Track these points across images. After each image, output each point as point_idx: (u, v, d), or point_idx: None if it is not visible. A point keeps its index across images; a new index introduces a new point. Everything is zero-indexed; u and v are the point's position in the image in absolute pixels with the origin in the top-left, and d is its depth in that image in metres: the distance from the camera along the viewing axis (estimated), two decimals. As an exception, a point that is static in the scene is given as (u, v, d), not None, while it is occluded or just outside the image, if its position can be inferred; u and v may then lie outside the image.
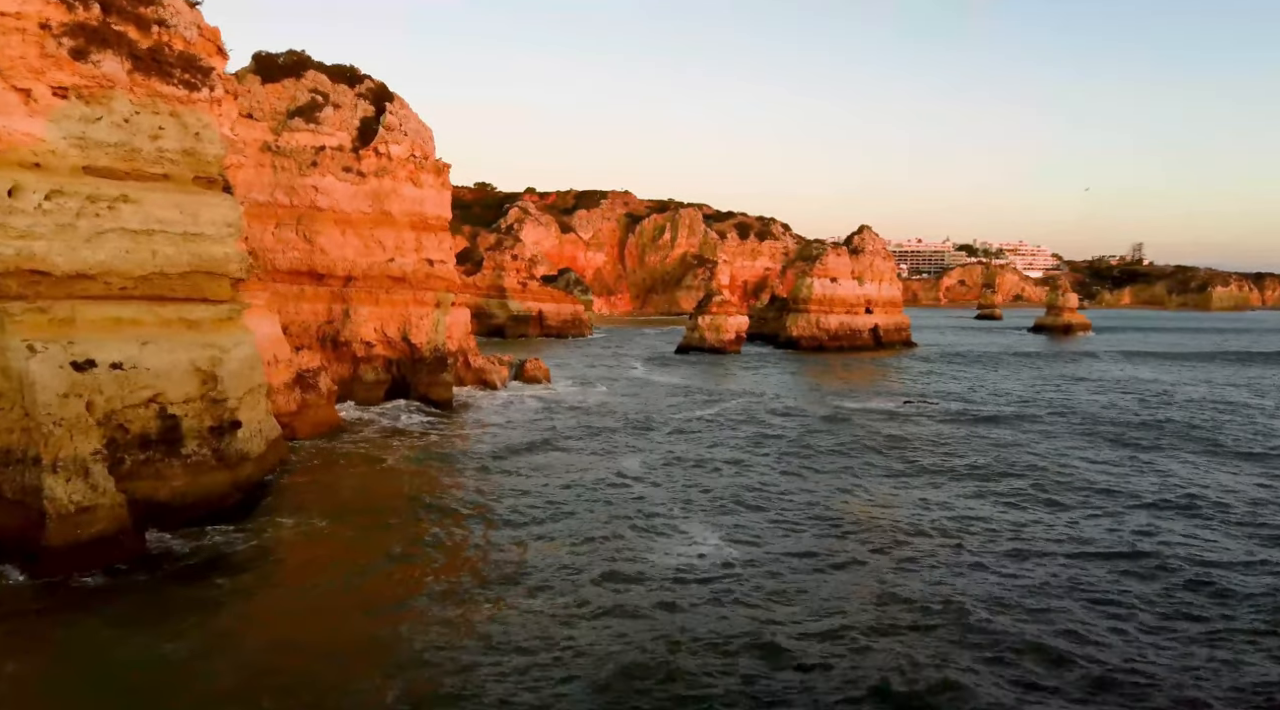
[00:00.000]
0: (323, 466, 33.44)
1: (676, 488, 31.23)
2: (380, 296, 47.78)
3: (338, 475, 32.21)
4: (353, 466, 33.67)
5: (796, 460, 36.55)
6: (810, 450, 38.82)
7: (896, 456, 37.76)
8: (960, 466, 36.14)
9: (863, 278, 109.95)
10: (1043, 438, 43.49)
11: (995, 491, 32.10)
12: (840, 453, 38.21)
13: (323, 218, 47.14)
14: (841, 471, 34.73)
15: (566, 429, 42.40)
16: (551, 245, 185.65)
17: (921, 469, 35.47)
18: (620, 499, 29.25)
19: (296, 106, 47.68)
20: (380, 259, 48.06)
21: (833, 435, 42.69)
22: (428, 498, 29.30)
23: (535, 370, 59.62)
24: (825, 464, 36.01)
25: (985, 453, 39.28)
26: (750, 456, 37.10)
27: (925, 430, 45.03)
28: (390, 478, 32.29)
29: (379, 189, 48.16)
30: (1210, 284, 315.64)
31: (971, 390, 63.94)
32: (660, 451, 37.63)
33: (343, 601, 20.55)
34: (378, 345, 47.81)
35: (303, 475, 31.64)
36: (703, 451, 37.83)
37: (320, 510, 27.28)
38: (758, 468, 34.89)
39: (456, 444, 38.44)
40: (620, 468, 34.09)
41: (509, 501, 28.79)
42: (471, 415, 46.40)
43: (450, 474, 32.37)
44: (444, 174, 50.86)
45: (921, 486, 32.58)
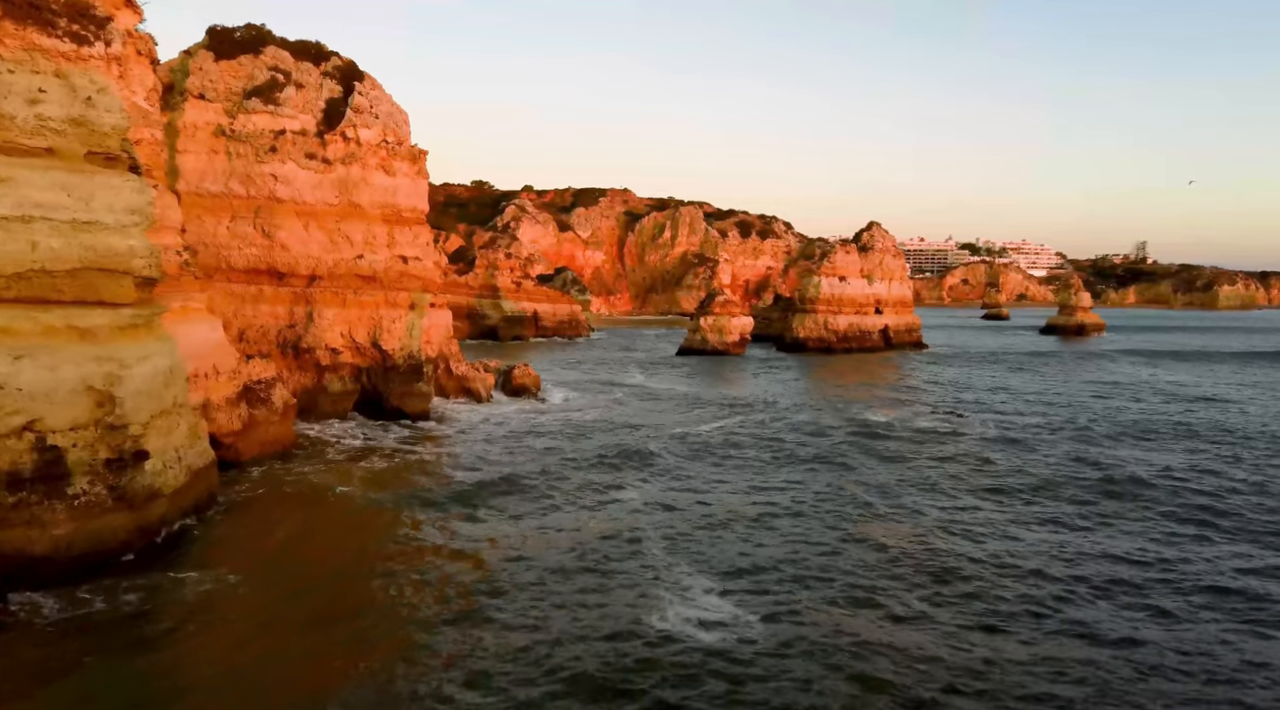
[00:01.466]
0: (262, 501, 28.31)
1: (684, 535, 25.97)
2: (348, 297, 42.78)
3: (276, 513, 27.07)
4: (297, 502, 28.41)
5: (829, 497, 30.80)
6: (844, 483, 33.02)
7: (952, 487, 32.44)
8: (1044, 509, 29.54)
9: (872, 276, 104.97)
10: (1142, 458, 37.99)
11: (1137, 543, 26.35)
12: (881, 489, 32.22)
13: (283, 210, 42.14)
14: (890, 516, 28.55)
15: (553, 453, 36.90)
16: (549, 244, 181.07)
17: (993, 505, 30.18)
18: (615, 554, 24.03)
19: (254, 86, 42.66)
20: (348, 255, 43.05)
21: (866, 463, 36.75)
22: (377, 548, 23.99)
23: (524, 378, 54.56)
24: (865, 502, 30.46)
25: (1080, 484, 32.80)
26: (770, 489, 31.69)
27: (970, 449, 39.94)
28: (338, 519, 27.09)
29: (346, 178, 43.16)
30: (1216, 283, 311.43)
31: (1004, 399, 58.87)
32: (662, 483, 32.28)
33: (226, 698, 15.59)
34: (345, 352, 42.79)
35: (235, 514, 26.56)
36: (713, 485, 32.26)
37: (242, 561, 22.28)
38: (781, 504, 29.60)
39: (425, 472, 33.02)
40: (615, 506, 28.89)
41: (474, 557, 23.46)
42: (449, 432, 41.22)
43: (411, 515, 27.06)
44: (420, 161, 45.83)
45: (1004, 528, 27.39)
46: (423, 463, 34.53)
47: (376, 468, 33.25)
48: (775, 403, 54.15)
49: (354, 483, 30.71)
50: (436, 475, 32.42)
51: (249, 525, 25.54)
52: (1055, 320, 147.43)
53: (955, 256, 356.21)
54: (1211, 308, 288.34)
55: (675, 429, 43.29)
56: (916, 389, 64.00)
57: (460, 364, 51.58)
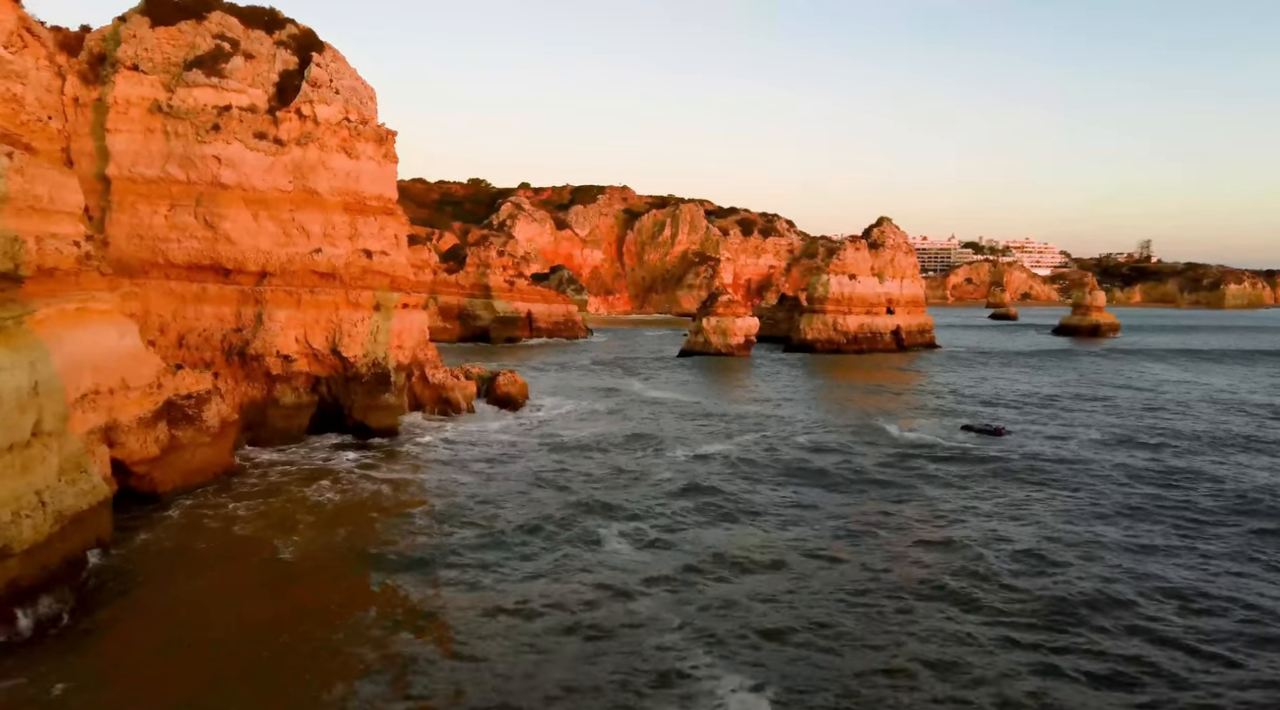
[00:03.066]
0: (168, 555, 22.77)
1: (690, 596, 20.79)
2: (303, 297, 37.49)
3: (182, 573, 21.58)
4: (212, 558, 22.80)
5: (865, 545, 25.15)
6: (879, 521, 27.57)
7: (1015, 529, 27.17)
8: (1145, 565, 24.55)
9: (883, 274, 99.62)
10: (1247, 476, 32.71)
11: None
12: (924, 521, 27.17)
13: (228, 197, 36.88)
14: (944, 570, 23.26)
15: (535, 485, 31.48)
16: (546, 242, 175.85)
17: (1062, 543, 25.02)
18: (607, 623, 18.75)
19: (196, 56, 37.39)
20: (303, 249, 37.77)
21: (901, 493, 31.32)
22: (304, 641, 18.52)
23: (509, 387, 49.23)
24: (910, 541, 25.29)
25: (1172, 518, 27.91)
26: (791, 530, 26.35)
27: (1016, 470, 34.67)
28: (261, 582, 21.55)
29: (302, 161, 37.88)
30: (1223, 282, 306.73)
31: (1042, 408, 53.54)
32: (663, 523, 26.89)
33: None
34: (299, 359, 37.50)
35: (128, 577, 21.03)
36: (723, 522, 26.94)
37: (116, 651, 17.00)
38: (804, 552, 24.35)
39: (381, 512, 27.44)
40: (606, 556, 23.65)
41: (428, 656, 18.02)
42: (417, 455, 35.74)
43: (354, 583, 21.54)
44: (388, 143, 40.53)
45: (1077, 567, 22.16)
46: (379, 499, 28.87)
47: (323, 504, 27.71)
48: (790, 415, 48.76)
49: (291, 529, 25.15)
50: (393, 518, 26.78)
51: (143, 593, 20.12)
52: (1069, 320, 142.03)
53: (959, 255, 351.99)
54: (1218, 307, 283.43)
55: (679, 450, 37.83)
56: (940, 396, 58.68)
57: (437, 371, 46.29)
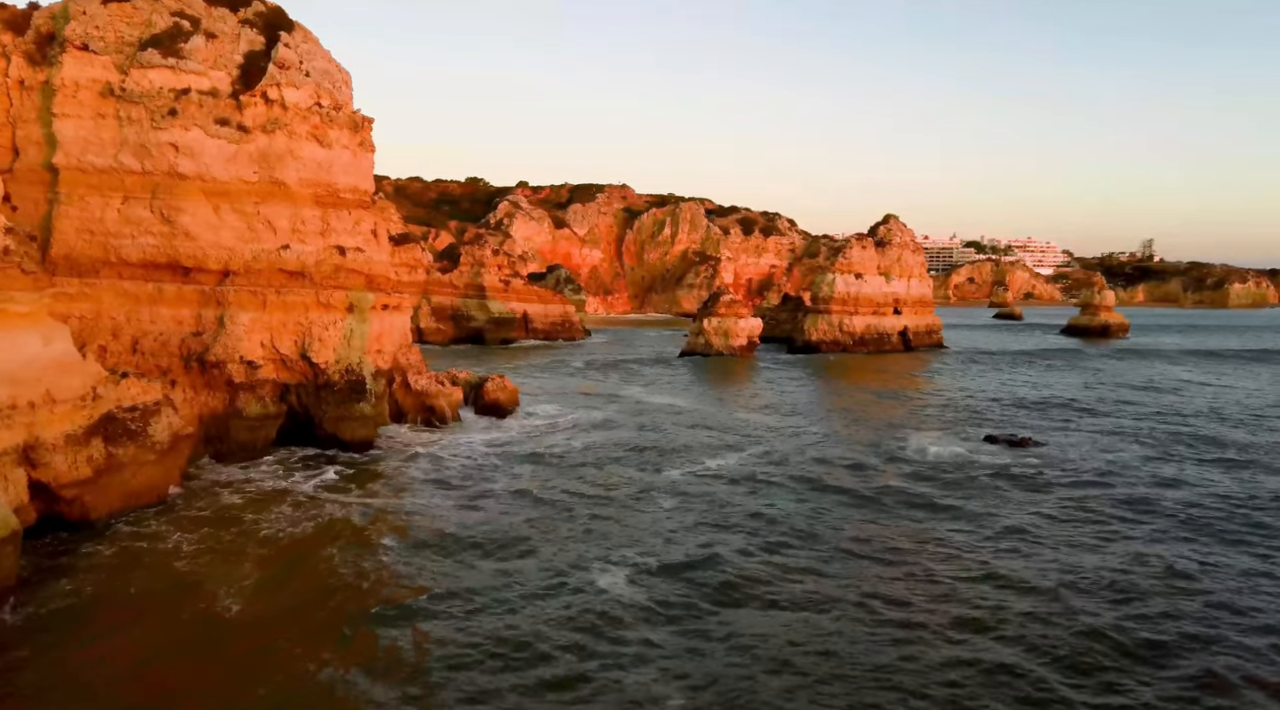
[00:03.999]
0: (87, 606, 19.34)
1: (695, 661, 17.67)
2: (269, 298, 34.31)
3: (101, 631, 18.17)
4: (142, 604, 19.48)
5: (907, 582, 21.74)
6: (916, 549, 24.29)
7: (1074, 556, 23.92)
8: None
9: (890, 273, 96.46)
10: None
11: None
12: (969, 550, 23.87)
13: (187, 188, 33.70)
14: (1013, 615, 19.98)
15: (523, 505, 28.21)
16: (544, 241, 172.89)
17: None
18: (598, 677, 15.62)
19: (152, 34, 34.21)
20: (269, 245, 34.59)
21: (934, 516, 27.88)
22: (246, 704, 15.35)
23: (498, 393, 46.04)
24: (958, 574, 22.00)
25: None
26: (814, 563, 23.01)
27: (1055, 486, 31.47)
28: (195, 640, 18.11)
29: (269, 149, 34.69)
30: (1227, 281, 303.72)
31: (1067, 414, 50.36)
32: (663, 555, 23.61)
33: None
34: (265, 365, 34.31)
35: (30, 639, 17.66)
36: (734, 557, 23.47)
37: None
38: (833, 592, 21.16)
39: (341, 546, 23.95)
40: (600, 599, 20.44)
41: (398, 700, 14.89)
42: (392, 472, 32.45)
43: (308, 624, 18.34)
44: (364, 131, 37.35)
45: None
46: (344, 529, 25.45)
47: (277, 536, 24.37)
48: (800, 425, 45.48)
49: (238, 567, 21.83)
50: (357, 553, 23.40)
51: (43, 656, 16.85)
52: (1077, 321, 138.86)
53: (961, 255, 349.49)
54: (1222, 306, 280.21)
55: (681, 466, 34.54)
56: (956, 402, 55.44)
57: (420, 377, 43.14)
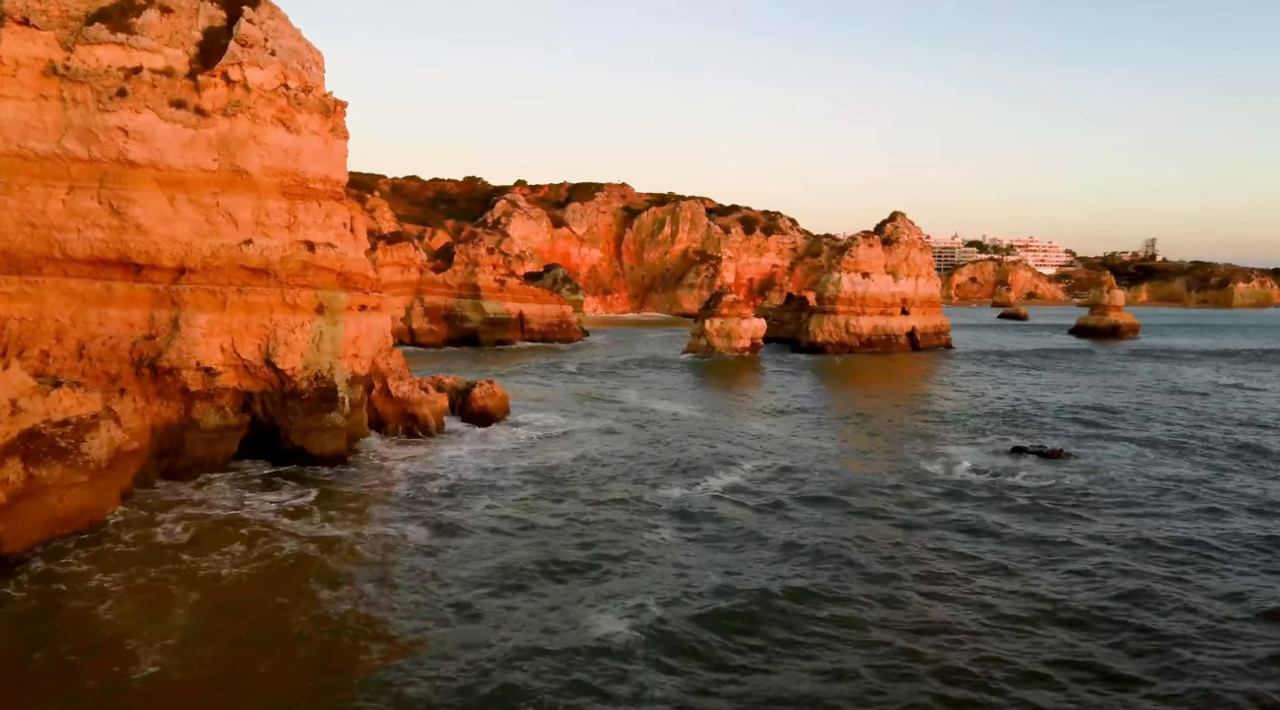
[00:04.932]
0: None
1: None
2: (229, 298, 31.18)
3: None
4: (43, 674, 16.26)
5: (960, 625, 18.57)
6: (961, 585, 21.04)
7: (1143, 587, 20.82)
8: None
9: (897, 272, 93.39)
10: None
11: None
12: (1026, 589, 20.62)
13: (139, 177, 30.60)
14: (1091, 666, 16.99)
15: (505, 533, 24.89)
16: (543, 240, 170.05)
17: None
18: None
19: (100, 8, 31.12)
20: (230, 240, 31.47)
21: (976, 544, 24.52)
22: None
23: (486, 400, 42.90)
24: (1016, 613, 18.80)
25: None
26: (844, 611, 19.73)
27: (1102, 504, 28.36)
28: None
29: (229, 134, 31.58)
30: (1231, 280, 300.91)
31: (1084, 419, 47.31)
32: (671, 598, 20.37)
33: None
34: (225, 372, 31.16)
35: None
36: (749, 597, 20.24)
37: None
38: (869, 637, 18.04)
39: (294, 586, 20.66)
40: (598, 657, 17.35)
41: None
42: (364, 491, 29.10)
43: (237, 696, 15.18)
44: (336, 116, 34.25)
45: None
46: (298, 566, 21.99)
47: (219, 577, 20.91)
48: (811, 435, 42.19)
49: (167, 617, 18.49)
50: (309, 601, 19.91)
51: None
52: (1086, 321, 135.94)
53: (963, 254, 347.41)
54: (1226, 306, 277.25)
55: (682, 484, 31.14)
56: (975, 408, 52.12)
57: (402, 383, 40.03)
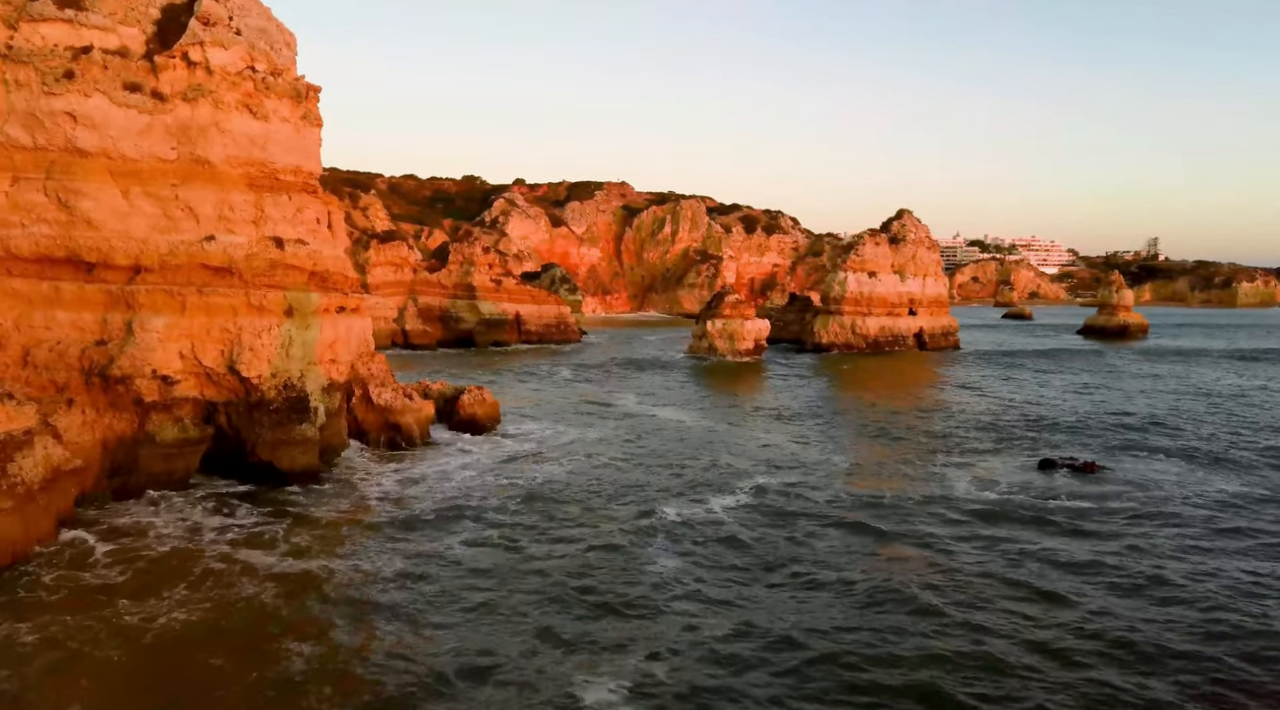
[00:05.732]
0: None
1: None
2: (189, 299, 28.48)
3: None
4: None
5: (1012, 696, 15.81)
6: (1010, 638, 18.23)
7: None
8: None
9: (904, 272, 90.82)
10: None
11: None
12: (1084, 626, 17.85)
13: (90, 168, 27.93)
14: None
15: (486, 570, 21.88)
16: (541, 240, 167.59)
17: None
18: None
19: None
20: (190, 236, 28.78)
21: (1016, 583, 21.54)
22: None
23: (474, 408, 40.19)
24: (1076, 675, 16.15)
25: None
26: (880, 666, 17.15)
27: (1154, 529, 25.63)
28: None
29: (190, 121, 28.88)
30: (1234, 279, 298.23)
31: (1112, 426, 44.57)
32: (669, 652, 17.65)
33: None
34: (184, 380, 28.46)
35: None
36: (761, 655, 17.45)
37: None
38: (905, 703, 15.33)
39: (240, 642, 17.72)
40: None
41: None
42: (336, 514, 26.29)
43: None
44: (308, 102, 31.55)
45: None
46: (247, 613, 18.92)
47: (152, 628, 18.00)
48: (822, 448, 39.28)
49: (77, 686, 15.73)
50: (256, 660, 16.96)
51: None
52: (1095, 321, 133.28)
53: (965, 254, 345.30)
54: (1230, 305, 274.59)
55: (682, 505, 28.26)
56: (996, 413, 49.22)
57: (384, 390, 37.33)
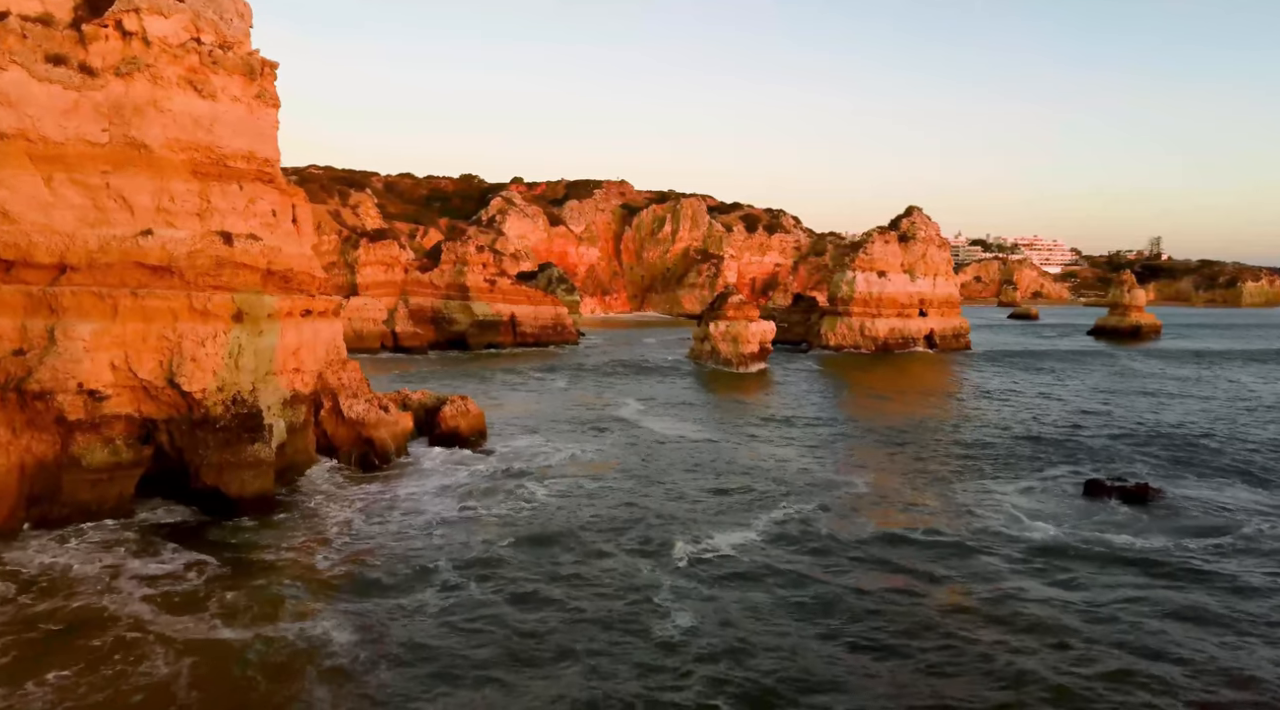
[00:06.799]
0: None
1: None
2: (122, 302, 24.95)
3: None
4: None
5: None
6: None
7: None
8: None
9: (914, 271, 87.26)
10: None
11: None
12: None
13: (7, 152, 24.35)
14: None
15: (462, 630, 18.29)
16: (539, 239, 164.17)
17: None
18: None
19: (-39, -59, 25.00)
20: (124, 230, 25.26)
21: (1102, 661, 17.74)
22: None
23: (457, 420, 36.60)
24: None
25: None
26: None
27: (1255, 581, 22.12)
28: None
29: (124, 99, 25.37)
30: (1239, 279, 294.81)
31: (1155, 437, 41.05)
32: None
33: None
34: (117, 395, 24.93)
35: None
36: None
37: None
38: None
39: None
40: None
41: None
42: (286, 558, 22.64)
43: None
44: (263, 79, 27.99)
45: None
46: (142, 703, 15.04)
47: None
48: (844, 467, 35.55)
49: None
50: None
51: None
52: (1106, 321, 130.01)
53: (967, 253, 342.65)
54: (1235, 305, 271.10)
55: (694, 540, 24.62)
56: (1025, 423, 45.40)
57: (356, 402, 33.78)
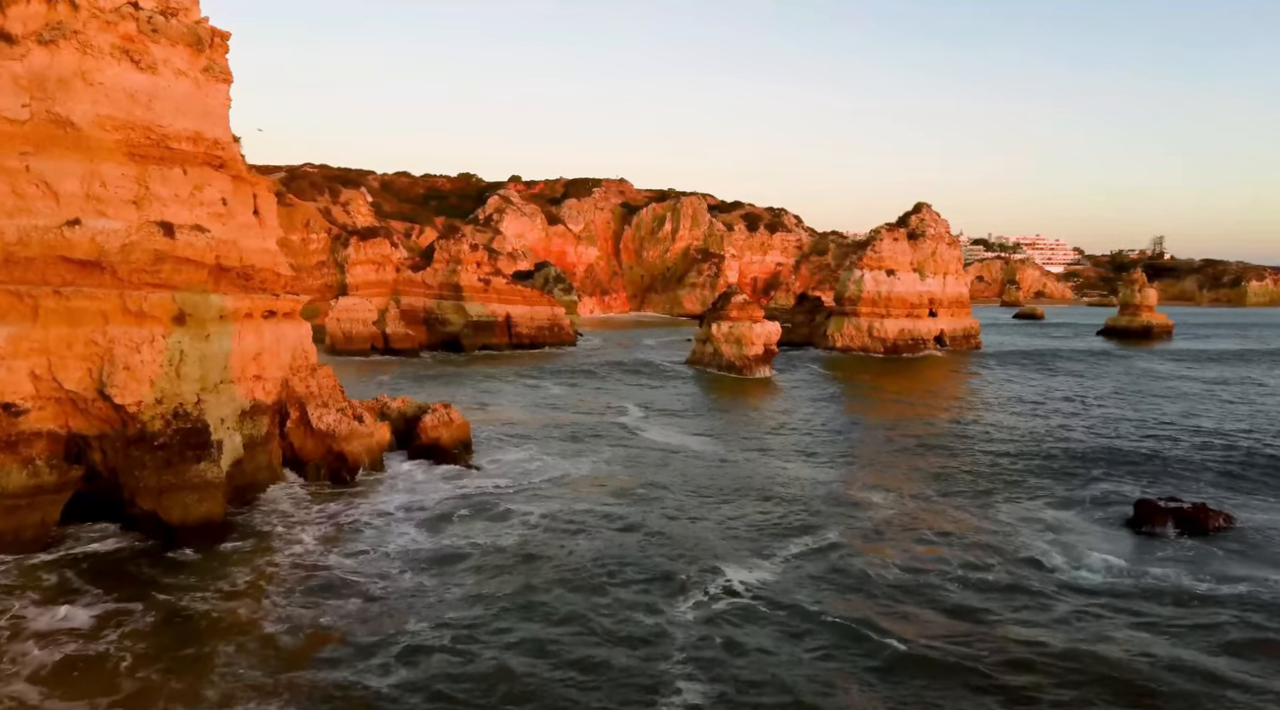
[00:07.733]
0: None
1: None
2: (44, 303, 21.81)
3: None
4: None
5: None
6: None
7: None
8: None
9: (924, 270, 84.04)
10: None
11: None
12: None
13: (-88, 130, 21.35)
14: None
15: (424, 704, 15.12)
16: (537, 238, 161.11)
17: None
18: None
19: None
20: (47, 221, 22.12)
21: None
22: None
23: (439, 431, 33.40)
24: None
25: None
26: None
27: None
28: None
29: (47, 71, 22.24)
30: (1244, 278, 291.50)
31: (1199, 448, 37.89)
32: None
33: None
34: (38, 409, 21.77)
35: None
36: None
37: None
38: None
39: None
40: None
41: None
42: (224, 607, 19.24)
43: None
44: (215, 50, 24.85)
45: None
46: None
47: None
48: (865, 487, 32.44)
49: None
50: None
51: None
52: (1117, 321, 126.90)
53: (969, 252, 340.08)
54: (1240, 304, 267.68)
55: (703, 578, 21.36)
56: (1056, 434, 41.89)
57: (327, 411, 30.60)
